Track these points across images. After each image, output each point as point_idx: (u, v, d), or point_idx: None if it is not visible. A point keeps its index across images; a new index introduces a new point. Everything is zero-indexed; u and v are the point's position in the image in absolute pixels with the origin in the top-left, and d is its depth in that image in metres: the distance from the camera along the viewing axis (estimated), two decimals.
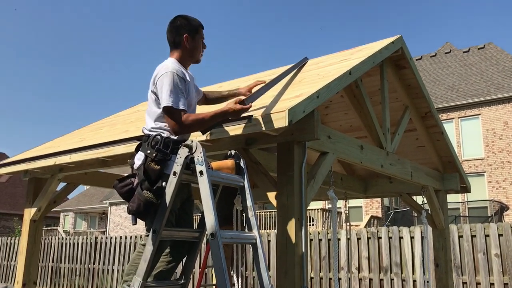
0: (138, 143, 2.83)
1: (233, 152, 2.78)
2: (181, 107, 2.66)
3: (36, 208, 4.87)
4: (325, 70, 3.81)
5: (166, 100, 2.64)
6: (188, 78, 2.85)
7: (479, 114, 21.22)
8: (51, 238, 13.47)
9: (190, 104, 2.87)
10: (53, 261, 13.17)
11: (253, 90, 3.36)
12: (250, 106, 2.76)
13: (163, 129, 2.73)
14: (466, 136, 21.47)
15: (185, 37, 2.87)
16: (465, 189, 5.56)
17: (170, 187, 2.54)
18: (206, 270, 9.06)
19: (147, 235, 2.61)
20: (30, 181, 5.06)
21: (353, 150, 3.56)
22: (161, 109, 2.72)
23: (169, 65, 2.77)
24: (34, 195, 4.97)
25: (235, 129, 2.97)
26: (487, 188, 20.40)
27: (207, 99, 3.37)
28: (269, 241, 9.24)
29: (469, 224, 7.41)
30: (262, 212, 20.30)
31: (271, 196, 3.03)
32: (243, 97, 2.85)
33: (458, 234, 7.34)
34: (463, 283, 7.16)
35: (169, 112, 2.65)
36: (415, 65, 4.55)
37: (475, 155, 21.06)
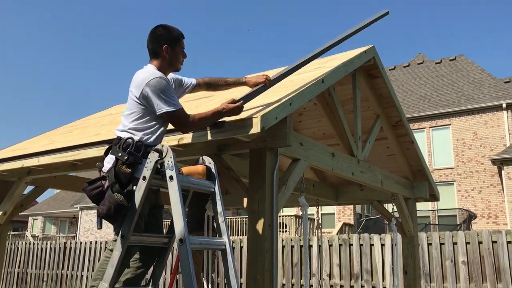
0: (108, 146, 2.80)
1: (204, 157, 2.77)
2: (180, 107, 2.74)
3: (1, 212, 4.74)
4: (299, 77, 3.84)
5: (167, 106, 2.68)
6: (171, 81, 2.92)
7: (450, 124, 21.72)
8: (18, 243, 13.12)
9: None
10: (19, 267, 12.83)
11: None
12: (242, 106, 2.83)
13: (137, 131, 2.72)
14: (437, 145, 21.93)
15: (165, 48, 2.87)
16: (434, 197, 5.68)
17: (139, 191, 2.51)
18: (177, 276, 8.96)
19: (115, 240, 2.58)
20: None
21: (325, 158, 3.60)
22: (141, 111, 2.73)
23: (153, 71, 2.79)
24: (0, 198, 4.83)
25: (207, 135, 2.97)
26: (457, 197, 20.85)
27: (209, 85, 3.29)
28: (241, 247, 9.22)
29: (438, 232, 7.55)
30: (235, 218, 20.25)
31: (246, 202, 3.03)
32: (236, 98, 2.91)
33: (427, 241, 7.47)
34: None
35: (175, 116, 2.72)
36: (386, 74, 4.64)
37: (445, 164, 21.52)
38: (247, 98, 2.97)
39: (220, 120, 2.86)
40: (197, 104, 3.92)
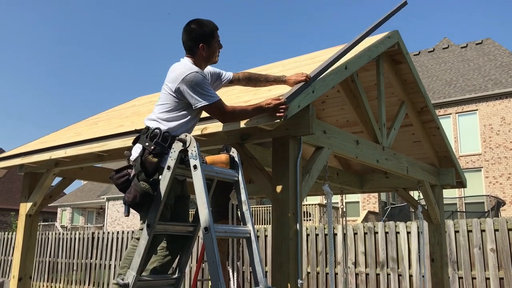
0: (136, 135, 2.83)
1: (227, 146, 2.77)
2: (218, 98, 2.74)
3: (31, 203, 4.86)
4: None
5: (204, 100, 2.69)
6: (207, 75, 2.94)
7: (477, 110, 21.25)
8: (48, 233, 13.46)
9: None
10: (50, 256, 13.17)
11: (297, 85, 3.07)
12: (287, 106, 2.71)
13: (167, 121, 2.74)
14: (464, 131, 21.51)
15: (201, 47, 2.87)
16: (461, 184, 5.57)
17: (164, 181, 2.54)
18: (203, 264, 9.07)
19: (141, 229, 2.62)
20: (25, 176, 5.04)
21: (349, 145, 3.56)
22: (174, 104, 2.75)
23: (190, 66, 2.79)
24: (29, 190, 4.96)
25: (230, 124, 2.97)
26: (484, 184, 20.46)
27: (250, 80, 3.23)
28: (266, 236, 9.25)
29: (465, 219, 7.43)
30: (259, 207, 20.32)
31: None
32: (281, 95, 2.83)
33: (454, 229, 7.35)
34: (459, 278, 7.18)
35: (213, 107, 2.71)
36: (411, 60, 4.54)
37: (472, 151, 21.11)
38: (291, 97, 2.86)
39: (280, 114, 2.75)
40: (240, 96, 3.90)
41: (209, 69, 3.05)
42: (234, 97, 3.66)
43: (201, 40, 2.86)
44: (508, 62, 22.68)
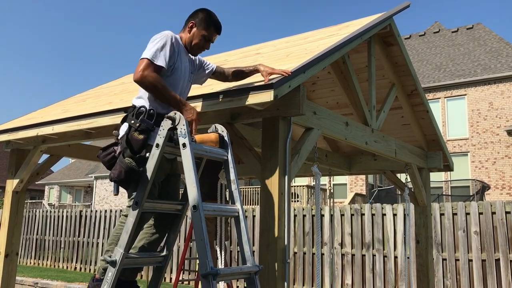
0: (124, 114, 2.81)
1: (217, 125, 2.76)
2: (151, 59, 2.64)
3: (18, 180, 4.82)
4: (312, 45, 3.78)
5: (146, 53, 2.65)
6: (181, 53, 2.85)
7: (465, 95, 21.38)
8: (36, 211, 13.41)
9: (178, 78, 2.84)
10: (37, 234, 13.15)
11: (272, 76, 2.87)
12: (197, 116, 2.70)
13: (150, 100, 2.73)
14: (452, 116, 21.66)
15: (191, 24, 2.91)
16: (448, 167, 5.63)
17: (152, 159, 2.53)
18: (191, 243, 9.12)
19: (129, 206, 2.61)
20: (12, 152, 4.99)
21: (338, 127, 3.57)
22: None
23: (169, 32, 2.81)
24: (16, 166, 4.91)
25: (220, 103, 2.95)
26: (470, 168, 20.71)
27: (237, 74, 3.13)
28: (254, 216, 9.31)
29: (451, 203, 7.54)
30: (248, 188, 20.41)
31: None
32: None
33: (440, 211, 7.46)
34: (443, 259, 7.32)
35: (141, 63, 2.62)
36: (402, 42, 4.53)
37: (459, 135, 21.30)
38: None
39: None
40: None
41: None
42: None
43: (195, 20, 2.90)
44: (497, 47, 22.77)
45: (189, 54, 2.98)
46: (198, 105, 3.07)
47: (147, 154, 2.57)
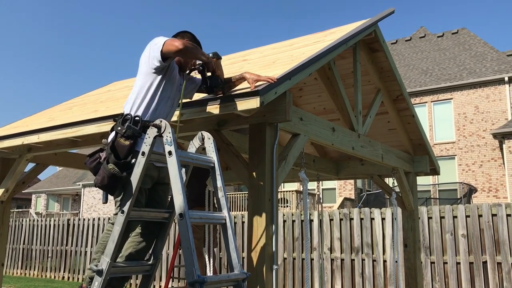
0: (114, 123, 2.81)
1: (203, 133, 2.76)
2: (167, 38, 2.71)
3: (3, 189, 4.77)
4: (298, 51, 3.80)
5: (162, 38, 2.71)
6: (173, 61, 2.89)
7: (451, 98, 21.61)
8: (22, 220, 13.24)
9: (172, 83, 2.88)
10: (24, 243, 12.98)
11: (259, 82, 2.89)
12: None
13: (137, 105, 2.74)
14: (438, 119, 21.87)
15: (187, 36, 2.95)
16: (435, 171, 5.68)
17: (138, 167, 2.52)
18: (179, 251, 9.07)
19: (116, 214, 2.60)
20: None
21: (325, 132, 3.59)
22: (141, 82, 2.77)
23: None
24: (1, 176, 4.86)
25: (206, 110, 2.95)
26: (457, 171, 20.91)
27: (229, 85, 3.11)
28: (243, 222, 9.30)
29: (438, 206, 7.60)
30: (237, 194, 20.38)
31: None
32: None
33: (427, 215, 7.52)
34: (431, 262, 7.36)
35: (166, 44, 2.67)
36: (388, 48, 4.58)
37: (446, 139, 21.50)
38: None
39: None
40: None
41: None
42: None
43: (184, 38, 2.89)
44: (482, 52, 23.08)
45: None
46: (185, 112, 3.07)
47: (133, 160, 2.57)
